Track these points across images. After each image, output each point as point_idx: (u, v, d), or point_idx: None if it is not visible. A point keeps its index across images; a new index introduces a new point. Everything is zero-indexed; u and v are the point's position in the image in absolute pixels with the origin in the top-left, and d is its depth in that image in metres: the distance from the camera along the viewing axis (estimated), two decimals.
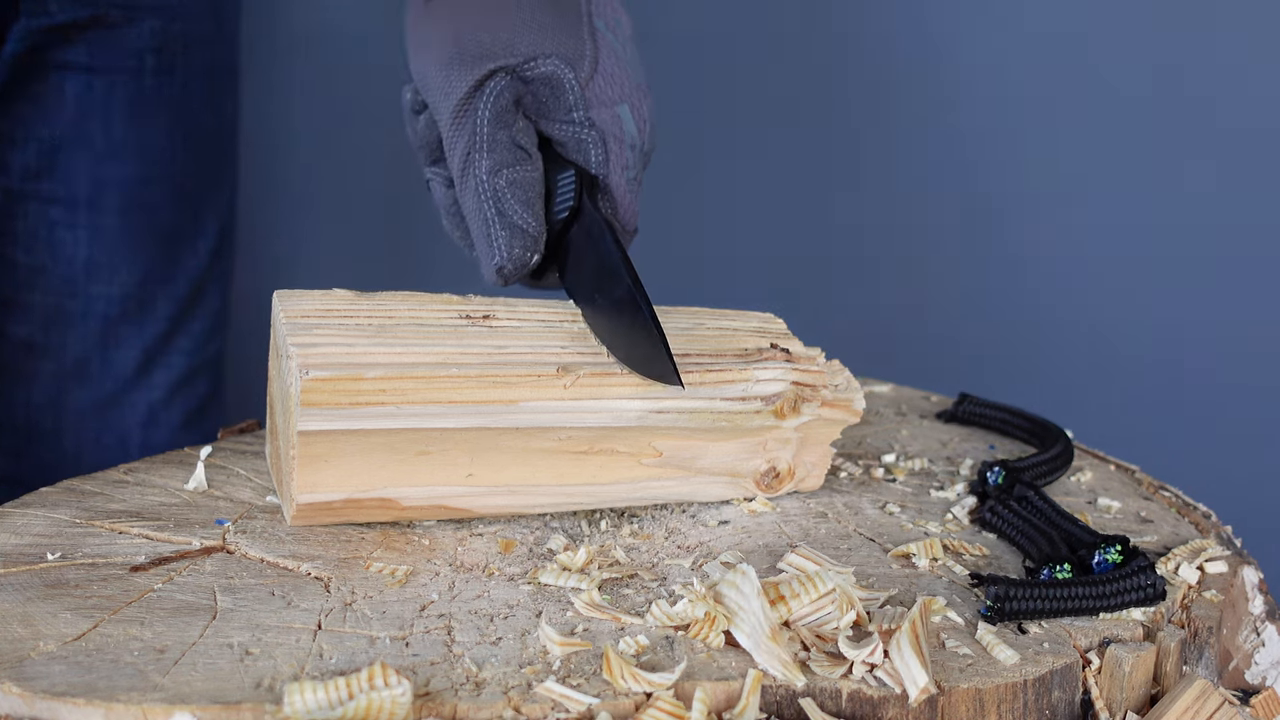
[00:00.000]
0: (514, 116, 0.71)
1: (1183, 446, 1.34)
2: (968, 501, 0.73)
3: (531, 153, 0.71)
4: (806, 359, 0.70)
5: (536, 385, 0.64)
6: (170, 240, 1.10)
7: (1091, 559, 0.64)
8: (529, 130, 0.72)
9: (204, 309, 1.13)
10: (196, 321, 1.13)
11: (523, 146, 0.71)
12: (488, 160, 0.69)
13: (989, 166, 1.43)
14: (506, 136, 0.70)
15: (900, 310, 1.49)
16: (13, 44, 1.01)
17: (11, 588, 0.58)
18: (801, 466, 0.72)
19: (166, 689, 0.50)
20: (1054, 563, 0.64)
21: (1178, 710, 0.58)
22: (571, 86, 0.71)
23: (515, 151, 0.70)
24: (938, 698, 0.55)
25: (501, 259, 0.70)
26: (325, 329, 0.65)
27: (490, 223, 0.69)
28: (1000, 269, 1.45)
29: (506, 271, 0.70)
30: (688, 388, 0.67)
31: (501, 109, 0.70)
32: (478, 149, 0.69)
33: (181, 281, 1.11)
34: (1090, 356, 1.44)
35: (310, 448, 0.62)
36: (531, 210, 0.70)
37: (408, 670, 0.53)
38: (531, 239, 0.70)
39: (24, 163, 1.05)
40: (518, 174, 0.70)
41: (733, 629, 0.56)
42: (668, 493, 0.70)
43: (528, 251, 0.70)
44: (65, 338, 1.08)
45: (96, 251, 1.07)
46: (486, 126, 0.70)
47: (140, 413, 1.10)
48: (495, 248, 0.70)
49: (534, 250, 0.70)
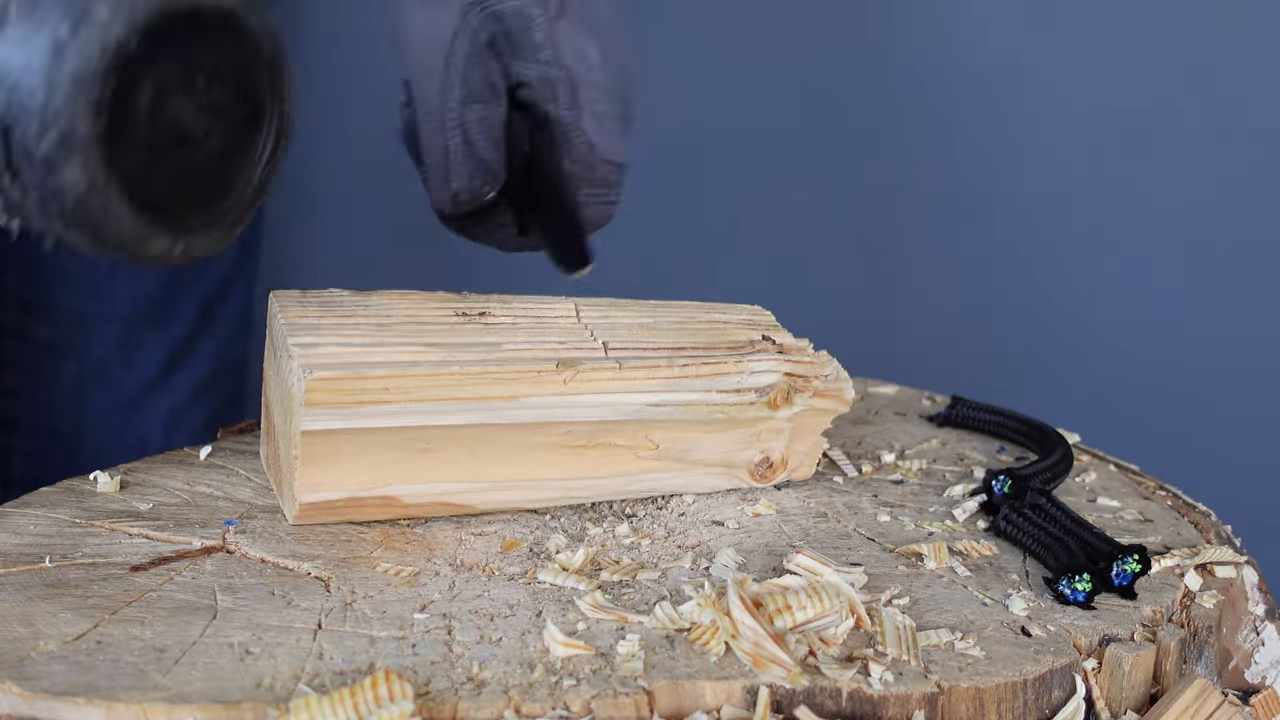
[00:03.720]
0: (488, 54, 0.72)
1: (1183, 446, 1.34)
2: (969, 504, 0.73)
3: (501, 94, 0.72)
4: (797, 350, 0.71)
5: (536, 381, 0.65)
6: None
7: (1110, 571, 0.64)
8: (499, 71, 0.72)
9: (228, 311, 1.13)
10: (220, 324, 1.12)
11: (494, 85, 0.71)
12: (459, 92, 0.70)
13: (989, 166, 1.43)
14: (480, 75, 0.71)
15: (901, 310, 1.48)
16: None
17: (11, 587, 0.58)
18: (794, 456, 0.73)
19: (167, 689, 0.50)
20: (1073, 573, 0.63)
21: (1177, 709, 0.58)
22: (539, 24, 0.72)
23: (488, 89, 0.71)
24: (938, 697, 0.55)
25: (460, 184, 0.70)
26: (324, 329, 0.65)
27: (453, 151, 0.70)
28: (1001, 269, 1.45)
29: (461, 198, 0.71)
30: (684, 380, 0.67)
31: (478, 46, 0.71)
32: (450, 85, 0.70)
33: (205, 284, 1.10)
34: (1091, 356, 1.44)
35: (313, 447, 0.62)
36: (497, 147, 0.71)
37: (408, 670, 0.53)
38: (492, 174, 0.71)
39: None
40: (487, 110, 0.70)
41: (732, 644, 0.56)
42: (665, 484, 0.71)
43: (485, 184, 0.71)
44: (88, 339, 1.07)
45: None
46: (462, 64, 0.70)
47: (162, 415, 1.10)
48: (454, 174, 0.70)
49: (491, 184, 0.71)
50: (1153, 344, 1.42)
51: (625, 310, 0.73)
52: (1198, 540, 0.71)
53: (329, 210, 1.50)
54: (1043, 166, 1.42)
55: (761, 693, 0.53)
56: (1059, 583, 0.63)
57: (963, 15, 1.40)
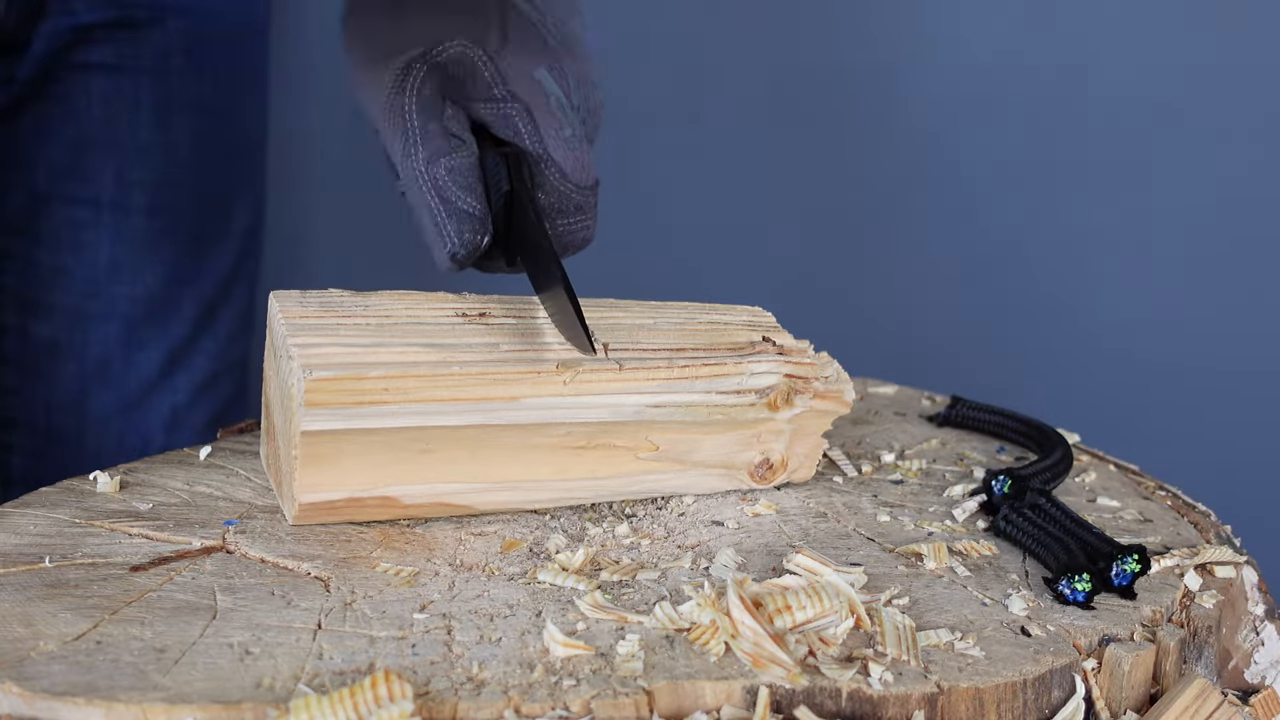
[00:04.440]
0: (441, 104, 0.71)
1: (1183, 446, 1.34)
2: (969, 504, 0.73)
3: (465, 138, 0.71)
4: (798, 351, 0.71)
5: (537, 382, 0.65)
6: (195, 242, 1.10)
7: (1110, 571, 0.64)
8: (459, 116, 0.72)
9: (229, 311, 1.13)
10: (221, 324, 1.12)
11: (455, 134, 0.71)
12: (423, 151, 0.69)
13: (989, 166, 1.43)
14: (437, 126, 0.70)
15: (901, 310, 1.49)
16: (40, 44, 1.01)
17: (11, 588, 0.58)
18: (794, 458, 0.73)
19: (167, 688, 0.50)
20: (1072, 573, 0.63)
21: (1177, 709, 0.58)
22: (484, 63, 0.71)
23: (449, 140, 0.70)
24: (938, 697, 0.55)
25: (453, 245, 0.70)
26: (324, 329, 0.65)
27: (436, 211, 0.69)
28: (1001, 269, 1.45)
29: (460, 257, 0.70)
30: (684, 382, 0.67)
31: (426, 99, 0.70)
32: (412, 142, 0.70)
33: (206, 283, 1.11)
34: (1091, 356, 1.44)
35: (313, 448, 0.62)
36: (474, 194, 0.70)
37: (408, 670, 0.53)
38: (479, 221, 0.70)
39: (50, 163, 1.04)
40: (455, 161, 0.69)
41: (732, 644, 0.56)
42: (664, 485, 0.71)
43: (477, 235, 0.70)
44: (88, 338, 1.07)
45: (120, 252, 1.06)
46: (416, 119, 0.70)
47: (163, 415, 1.10)
48: (445, 235, 0.70)
49: (483, 232, 0.70)
50: (1152, 344, 1.42)
51: (626, 311, 0.73)
52: (1197, 540, 0.71)
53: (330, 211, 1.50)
54: (1043, 166, 1.42)
55: (761, 693, 0.53)
56: (1058, 583, 0.63)
57: (964, 14, 1.40)
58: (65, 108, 1.04)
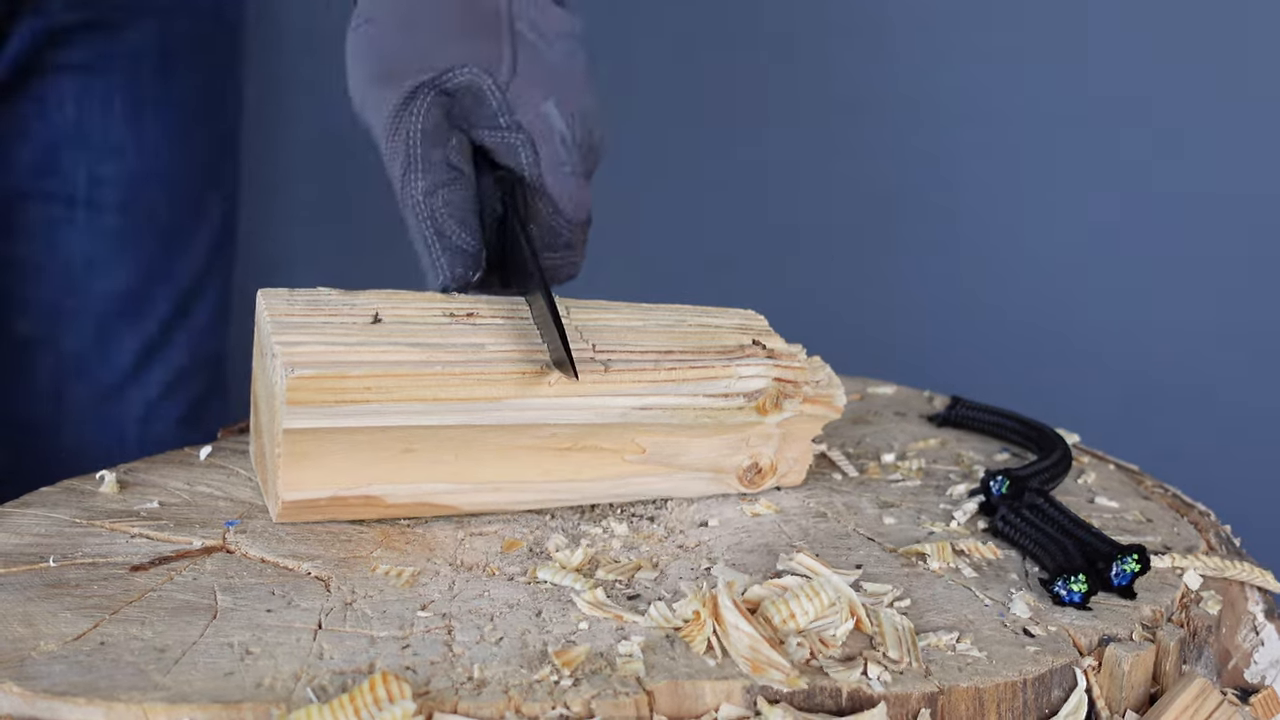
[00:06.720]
0: (446, 133, 0.71)
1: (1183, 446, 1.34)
2: (968, 504, 0.73)
3: (465, 170, 0.71)
4: (788, 355, 0.71)
5: (521, 383, 0.65)
6: (169, 238, 1.11)
7: (1109, 571, 0.64)
8: (461, 146, 0.72)
9: (202, 307, 1.14)
10: (195, 319, 1.13)
11: (456, 166, 0.71)
12: (423, 182, 0.70)
13: (989, 166, 1.43)
14: (440, 155, 0.70)
15: (900, 310, 1.49)
16: (15, 43, 1.02)
17: (11, 588, 0.58)
18: (784, 462, 0.73)
19: (167, 688, 0.50)
20: (1068, 574, 0.63)
21: (1177, 709, 0.58)
22: (492, 92, 0.71)
23: (449, 171, 0.70)
24: (938, 697, 0.55)
25: (445, 279, 0.70)
26: (310, 327, 0.65)
27: (430, 243, 0.70)
28: (1000, 269, 1.45)
29: (451, 289, 0.71)
30: (671, 384, 0.67)
31: (431, 127, 0.70)
32: (413, 169, 0.70)
33: (180, 279, 1.12)
34: (1091, 356, 1.44)
35: (295, 445, 0.62)
36: (468, 229, 0.70)
37: (408, 670, 0.53)
38: (471, 258, 0.70)
39: (26, 161, 1.05)
40: (453, 194, 0.70)
41: (729, 649, 0.56)
42: (651, 489, 0.71)
43: (469, 270, 0.70)
44: (64, 333, 1.09)
45: (95, 248, 1.08)
46: (419, 147, 0.70)
47: (138, 408, 1.11)
48: (438, 268, 0.70)
49: (475, 268, 0.71)
50: (1152, 344, 1.42)
51: (616, 312, 0.72)
52: (1197, 540, 0.71)
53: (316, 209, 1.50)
54: (1042, 167, 1.42)
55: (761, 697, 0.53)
56: (1054, 584, 0.63)
57: (963, 17, 1.40)
58: (40, 107, 1.05)
